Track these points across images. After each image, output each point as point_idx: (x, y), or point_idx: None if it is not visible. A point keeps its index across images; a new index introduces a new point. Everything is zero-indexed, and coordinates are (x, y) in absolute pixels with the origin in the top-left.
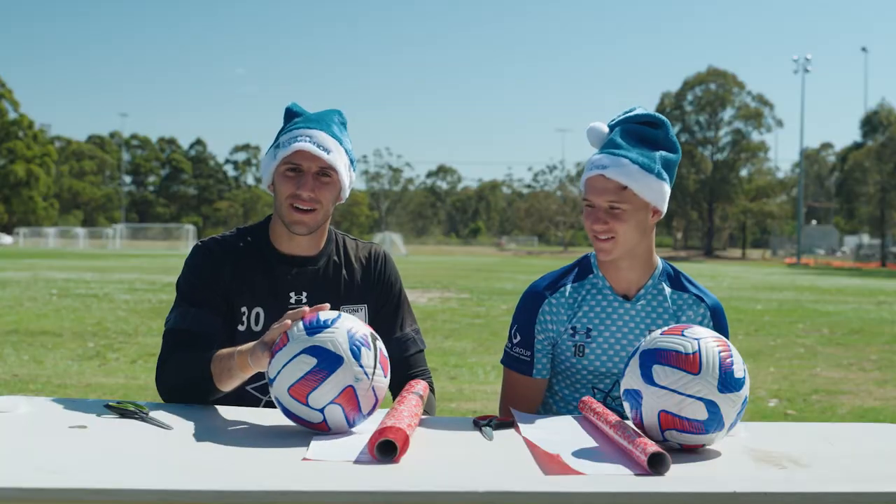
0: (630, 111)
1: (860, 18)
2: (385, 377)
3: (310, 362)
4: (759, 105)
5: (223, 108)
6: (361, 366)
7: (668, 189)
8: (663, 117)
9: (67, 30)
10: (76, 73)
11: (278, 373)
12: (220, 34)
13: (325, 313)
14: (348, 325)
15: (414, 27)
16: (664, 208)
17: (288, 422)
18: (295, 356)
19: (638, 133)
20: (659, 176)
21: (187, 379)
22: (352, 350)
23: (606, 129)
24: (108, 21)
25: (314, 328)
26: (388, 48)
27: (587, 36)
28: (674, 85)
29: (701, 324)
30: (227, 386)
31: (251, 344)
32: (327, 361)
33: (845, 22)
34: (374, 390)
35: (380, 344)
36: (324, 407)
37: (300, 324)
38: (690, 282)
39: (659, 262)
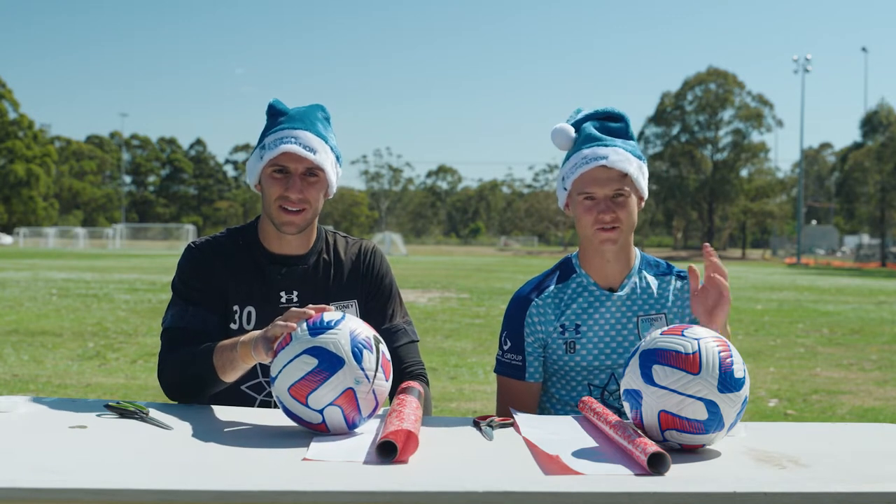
0: (579, 111)
1: (860, 18)
2: (387, 381)
3: (311, 363)
4: (759, 105)
5: (223, 108)
6: (363, 368)
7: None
8: (622, 111)
9: (67, 29)
10: (76, 73)
11: (279, 372)
12: (220, 34)
13: (330, 314)
14: (351, 327)
15: (414, 27)
16: (646, 194)
17: (288, 422)
18: (296, 356)
19: (606, 128)
20: (644, 162)
21: (190, 372)
22: (353, 352)
23: (573, 131)
24: (108, 21)
25: (317, 329)
26: (388, 47)
27: (587, 36)
28: (674, 85)
29: (687, 290)
30: (230, 377)
31: (253, 335)
32: (328, 363)
33: (845, 22)
34: (374, 393)
35: (383, 347)
36: (323, 408)
37: (304, 324)
38: (666, 262)
39: (636, 252)
